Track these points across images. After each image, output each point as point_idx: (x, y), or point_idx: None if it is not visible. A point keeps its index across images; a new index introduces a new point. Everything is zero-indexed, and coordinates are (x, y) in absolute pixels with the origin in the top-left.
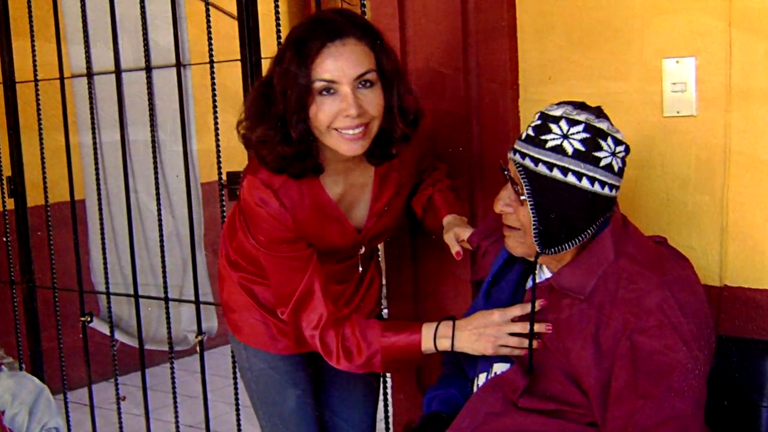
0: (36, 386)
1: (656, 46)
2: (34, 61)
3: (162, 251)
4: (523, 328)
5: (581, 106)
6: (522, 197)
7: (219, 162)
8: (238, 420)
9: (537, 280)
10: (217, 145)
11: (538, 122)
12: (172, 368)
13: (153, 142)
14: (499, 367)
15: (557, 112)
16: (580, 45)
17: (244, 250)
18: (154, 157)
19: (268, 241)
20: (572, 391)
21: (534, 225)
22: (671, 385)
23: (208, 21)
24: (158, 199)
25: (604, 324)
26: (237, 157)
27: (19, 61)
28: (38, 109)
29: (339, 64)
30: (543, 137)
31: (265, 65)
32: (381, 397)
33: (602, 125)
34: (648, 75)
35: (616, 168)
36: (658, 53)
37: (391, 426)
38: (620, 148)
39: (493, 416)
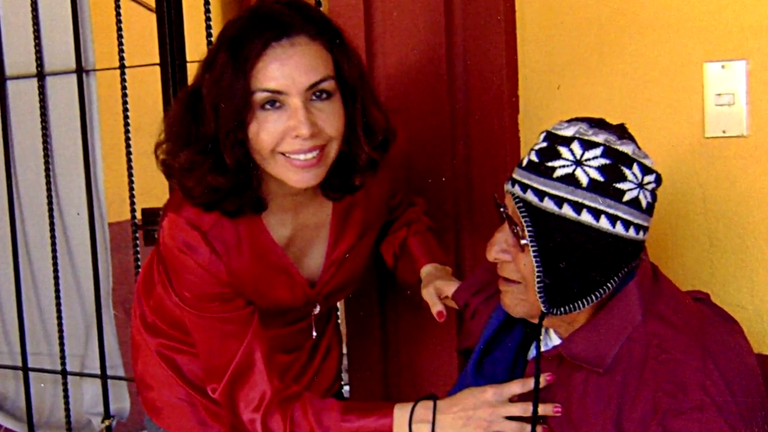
0: None
1: (696, 45)
2: None
3: (59, 311)
4: (524, 410)
5: (599, 124)
6: (523, 241)
7: (132, 196)
8: None
9: (542, 349)
10: (130, 175)
11: (544, 144)
12: None
13: (47, 169)
14: None
15: (568, 132)
16: (597, 45)
17: (164, 310)
18: (49, 190)
19: (196, 297)
20: None
21: (538, 277)
22: None
23: (118, 15)
24: (53, 245)
25: (628, 405)
26: (155, 190)
27: None
28: None
29: (286, 70)
30: (550, 164)
31: (192, 71)
32: None
33: (626, 148)
34: (685, 83)
35: (643, 203)
36: (698, 55)
37: None
38: (649, 177)
39: None
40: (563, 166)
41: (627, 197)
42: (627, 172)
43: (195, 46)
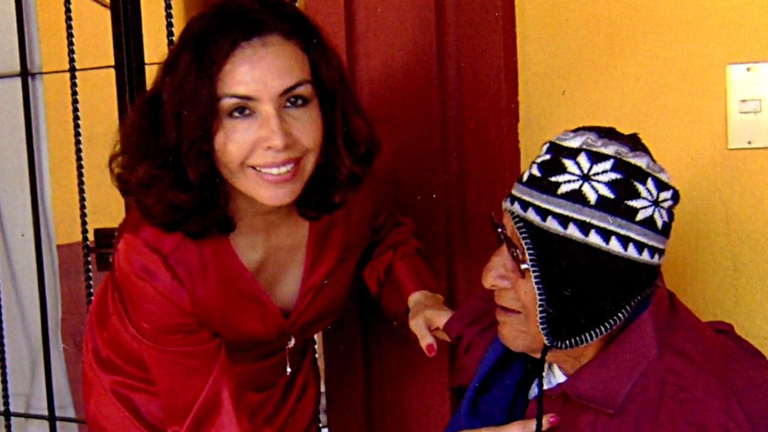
0: None
1: (718, 45)
2: None
3: (1, 344)
4: None
5: (609, 134)
6: (523, 266)
7: (84, 215)
8: None
9: (545, 387)
10: (81, 191)
11: (547, 157)
12: None
13: None
14: None
15: (574, 143)
16: (606, 45)
17: (119, 343)
18: None
19: (155, 329)
20: None
21: (540, 306)
22: None
23: (68, 11)
24: None
25: None
26: (109, 209)
27: None
28: None
29: (257, 74)
30: (554, 179)
31: (151, 74)
32: None
33: (639, 161)
34: (706, 88)
35: (659, 223)
36: (720, 56)
37: None
38: (665, 194)
39: None
40: (569, 182)
41: (640, 216)
42: (640, 188)
43: (154, 47)
